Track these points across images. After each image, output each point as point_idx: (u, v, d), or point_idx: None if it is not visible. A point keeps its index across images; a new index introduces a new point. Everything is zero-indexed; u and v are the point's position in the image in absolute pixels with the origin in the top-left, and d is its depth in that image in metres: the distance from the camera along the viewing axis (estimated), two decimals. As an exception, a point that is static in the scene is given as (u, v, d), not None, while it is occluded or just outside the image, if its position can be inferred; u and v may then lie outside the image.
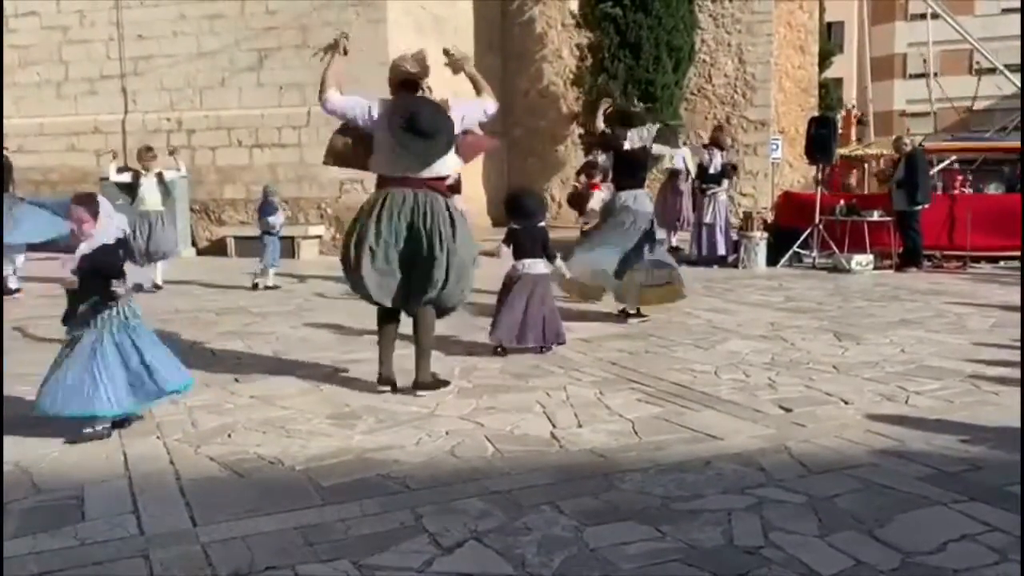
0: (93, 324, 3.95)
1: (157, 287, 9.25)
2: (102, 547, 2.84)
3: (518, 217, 6.00)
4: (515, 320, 5.76)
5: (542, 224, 6.11)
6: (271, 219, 9.70)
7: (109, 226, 4.02)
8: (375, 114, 4.70)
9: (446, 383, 4.89)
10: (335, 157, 4.98)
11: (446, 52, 4.95)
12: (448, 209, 4.76)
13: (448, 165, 4.86)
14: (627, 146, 7.21)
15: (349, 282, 4.91)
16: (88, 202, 4.02)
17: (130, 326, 4.01)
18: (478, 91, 4.98)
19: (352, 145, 4.85)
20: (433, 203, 4.69)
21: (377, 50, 13.55)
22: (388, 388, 4.81)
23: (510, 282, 5.92)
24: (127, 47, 14.73)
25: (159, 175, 9.41)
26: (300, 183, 14.04)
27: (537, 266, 5.90)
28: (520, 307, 5.78)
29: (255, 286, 9.36)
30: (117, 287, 3.93)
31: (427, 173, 4.70)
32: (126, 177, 9.41)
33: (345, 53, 4.86)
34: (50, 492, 3.34)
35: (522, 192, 6.33)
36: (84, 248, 3.97)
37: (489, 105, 4.97)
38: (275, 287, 9.43)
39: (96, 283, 3.93)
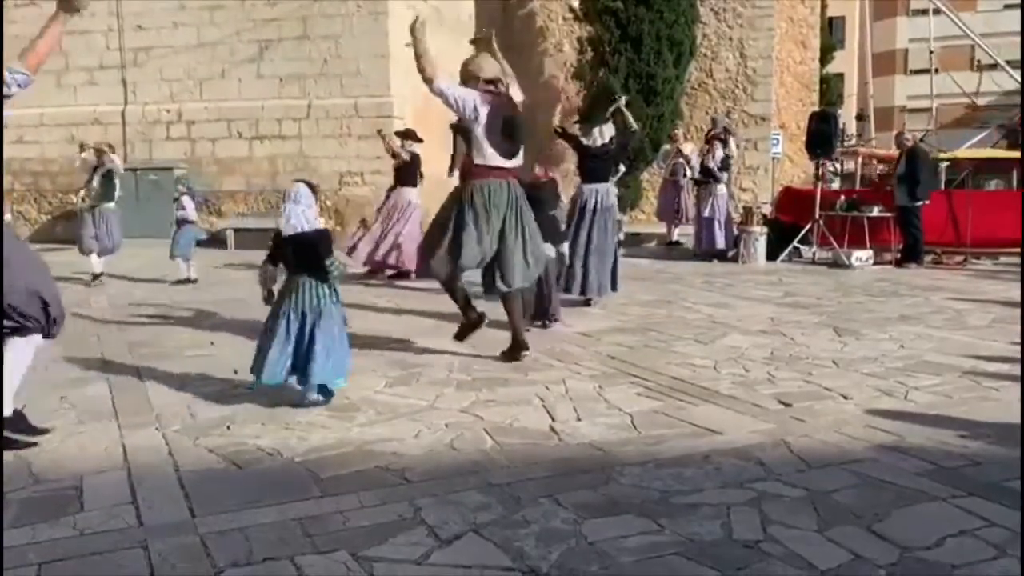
0: (289, 299, 4.29)
1: (96, 277, 9.16)
2: (101, 537, 2.84)
3: (533, 206, 6.36)
4: (537, 300, 6.36)
5: (553, 212, 6.67)
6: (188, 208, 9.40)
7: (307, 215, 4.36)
8: (481, 111, 5.23)
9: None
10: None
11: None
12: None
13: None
14: (586, 142, 7.50)
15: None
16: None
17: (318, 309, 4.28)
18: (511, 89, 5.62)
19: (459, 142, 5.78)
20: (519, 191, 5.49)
21: (378, 42, 13.55)
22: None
23: None
24: (127, 38, 14.69)
25: (107, 171, 9.38)
26: (300, 175, 14.00)
27: (548, 251, 6.32)
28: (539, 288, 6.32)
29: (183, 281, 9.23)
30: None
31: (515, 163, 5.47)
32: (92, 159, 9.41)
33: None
34: (49, 482, 3.34)
35: (537, 184, 6.71)
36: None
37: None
38: (194, 280, 9.22)
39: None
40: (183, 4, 14.40)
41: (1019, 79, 17.25)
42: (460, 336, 5.59)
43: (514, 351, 5.47)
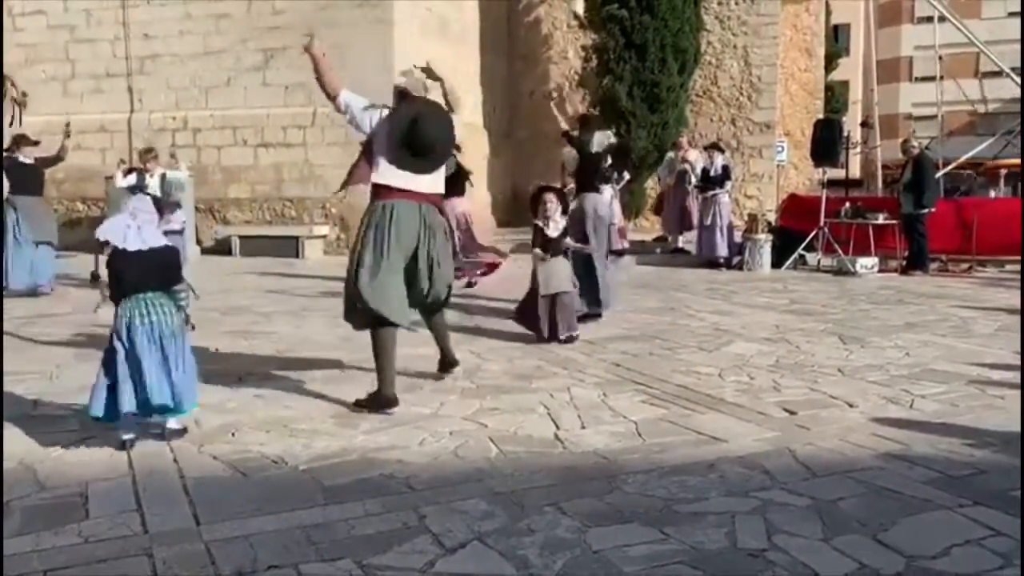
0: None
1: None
2: (105, 545, 2.84)
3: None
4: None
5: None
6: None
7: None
8: (377, 122, 4.52)
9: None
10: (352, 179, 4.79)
11: (426, 68, 4.76)
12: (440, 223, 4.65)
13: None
14: (594, 149, 7.28)
15: (361, 302, 4.44)
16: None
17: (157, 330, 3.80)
18: (451, 107, 4.71)
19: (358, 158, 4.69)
20: (435, 217, 4.59)
21: (383, 51, 13.59)
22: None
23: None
24: (133, 46, 14.77)
25: (162, 176, 9.42)
26: (305, 183, 14.07)
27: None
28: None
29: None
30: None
31: (431, 187, 4.58)
32: (131, 179, 9.37)
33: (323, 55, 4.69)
34: (54, 489, 3.34)
35: (544, 188, 6.74)
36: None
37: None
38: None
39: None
40: (189, 13, 14.48)
41: (1020, 84, 17.19)
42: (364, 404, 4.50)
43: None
